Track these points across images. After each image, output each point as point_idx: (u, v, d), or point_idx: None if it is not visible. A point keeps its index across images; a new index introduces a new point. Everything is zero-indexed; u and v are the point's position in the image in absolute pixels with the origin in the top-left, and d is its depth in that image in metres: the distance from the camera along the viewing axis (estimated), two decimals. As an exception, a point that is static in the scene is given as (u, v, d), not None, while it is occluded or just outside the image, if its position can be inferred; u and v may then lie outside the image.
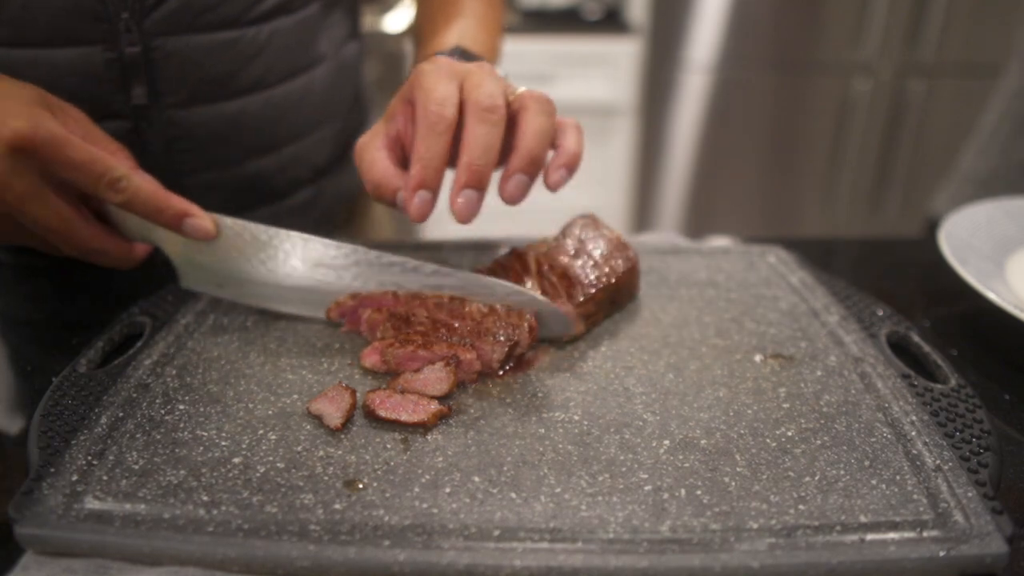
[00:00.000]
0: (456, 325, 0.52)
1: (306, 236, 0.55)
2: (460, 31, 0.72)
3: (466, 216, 0.52)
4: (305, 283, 0.56)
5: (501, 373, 0.51)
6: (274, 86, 0.75)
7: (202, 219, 0.54)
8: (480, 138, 0.52)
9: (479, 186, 0.52)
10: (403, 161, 0.58)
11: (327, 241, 0.55)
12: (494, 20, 0.79)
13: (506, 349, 0.50)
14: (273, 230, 0.55)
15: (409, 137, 0.56)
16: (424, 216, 0.53)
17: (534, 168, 0.54)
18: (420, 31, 0.80)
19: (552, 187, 0.55)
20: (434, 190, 0.53)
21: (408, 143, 0.57)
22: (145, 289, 0.61)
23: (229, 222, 0.55)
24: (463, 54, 0.65)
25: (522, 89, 0.56)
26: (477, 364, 0.50)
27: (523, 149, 0.53)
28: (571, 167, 0.56)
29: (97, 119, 0.57)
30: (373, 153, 0.57)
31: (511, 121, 0.54)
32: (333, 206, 0.88)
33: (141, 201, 0.52)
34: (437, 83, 0.54)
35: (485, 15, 0.78)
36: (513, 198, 0.54)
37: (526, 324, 0.52)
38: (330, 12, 0.80)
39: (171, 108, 0.69)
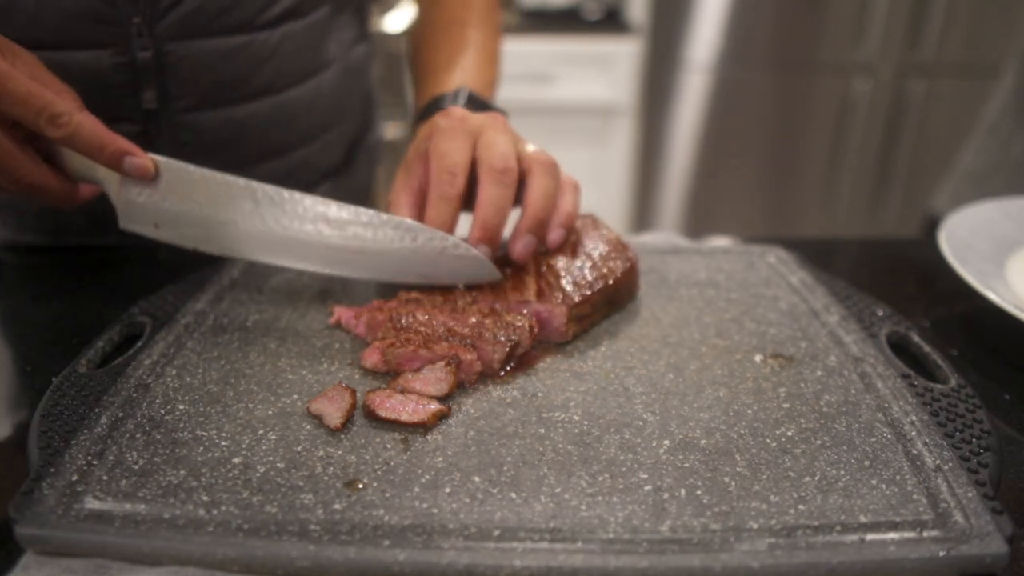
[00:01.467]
0: (456, 326, 0.52)
1: (250, 182, 0.56)
2: (465, 69, 0.74)
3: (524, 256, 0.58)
4: (247, 228, 0.56)
5: (502, 373, 0.51)
6: (284, 90, 0.75)
7: (142, 158, 0.55)
8: (493, 199, 0.57)
9: (492, 243, 0.57)
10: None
11: (255, 184, 0.56)
12: (494, 49, 0.81)
13: (507, 350, 0.50)
14: (217, 174, 0.56)
15: (427, 187, 0.59)
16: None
17: (541, 229, 0.58)
18: (422, 61, 0.80)
19: (551, 245, 0.60)
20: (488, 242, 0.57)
21: (427, 191, 0.59)
22: (145, 289, 0.61)
23: (170, 163, 0.56)
24: (471, 100, 0.67)
25: (530, 148, 0.60)
26: (478, 365, 0.50)
27: (531, 213, 0.58)
28: (568, 226, 0.60)
29: (107, 122, 0.58)
30: (401, 211, 0.60)
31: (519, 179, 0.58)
32: None
33: (82, 138, 0.52)
34: (450, 147, 0.58)
35: (485, 45, 0.79)
36: (522, 257, 0.58)
37: (527, 324, 0.52)
38: (339, 15, 0.80)
39: (181, 112, 0.69)
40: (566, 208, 0.60)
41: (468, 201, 0.60)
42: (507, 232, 0.59)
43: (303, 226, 0.56)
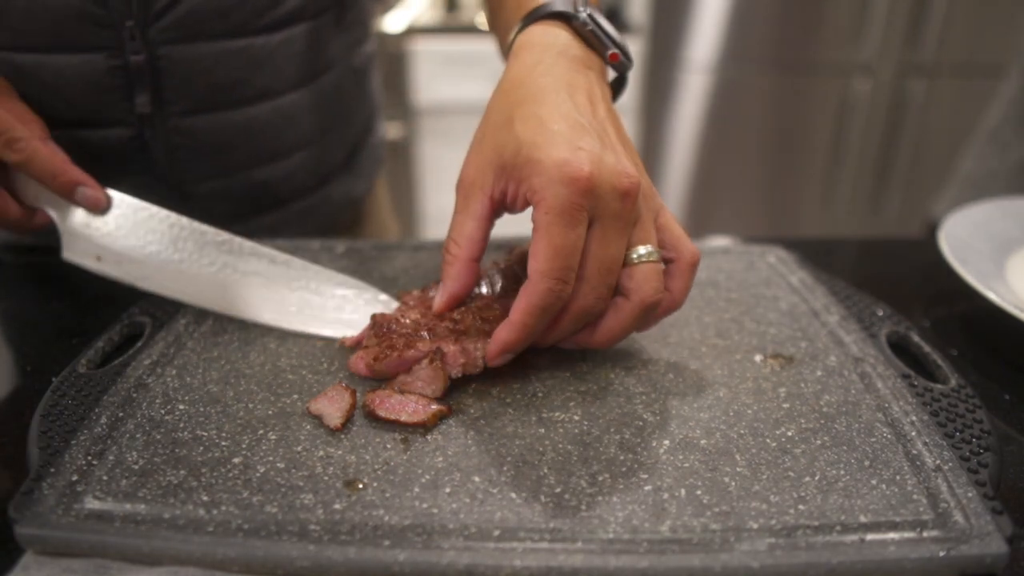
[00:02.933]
0: (436, 323, 0.51)
1: (191, 221, 0.58)
2: None
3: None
4: (179, 264, 0.58)
5: (483, 365, 0.49)
6: (283, 94, 0.73)
7: (95, 190, 0.57)
8: (616, 330, 0.48)
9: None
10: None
11: (207, 228, 0.58)
12: None
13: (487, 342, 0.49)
14: (165, 212, 0.58)
15: (511, 206, 0.49)
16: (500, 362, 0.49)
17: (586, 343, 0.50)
18: None
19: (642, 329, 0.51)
20: (517, 352, 0.48)
21: (509, 208, 0.49)
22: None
23: (120, 198, 0.58)
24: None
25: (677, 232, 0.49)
26: (460, 357, 0.49)
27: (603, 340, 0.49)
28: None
29: (100, 126, 0.58)
30: (469, 224, 0.49)
31: None
32: (338, 211, 0.87)
33: (37, 164, 0.55)
34: (563, 236, 0.43)
35: None
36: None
37: (498, 307, 0.51)
38: (342, 18, 0.79)
39: (176, 116, 0.68)
40: (675, 298, 0.50)
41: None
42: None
43: (239, 274, 0.58)
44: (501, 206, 0.49)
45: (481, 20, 2.30)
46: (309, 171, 0.81)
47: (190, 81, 0.67)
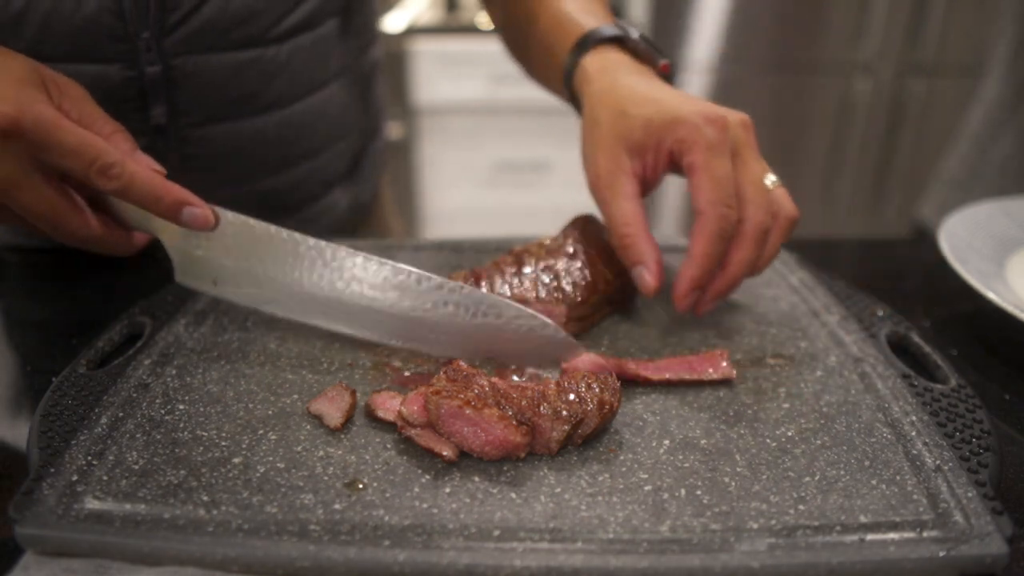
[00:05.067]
0: (513, 392, 0.45)
1: (317, 241, 0.53)
2: (597, 14, 0.66)
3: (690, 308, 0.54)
4: (308, 290, 0.53)
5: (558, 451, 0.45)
6: (292, 103, 0.74)
7: (202, 208, 0.52)
8: (743, 262, 0.53)
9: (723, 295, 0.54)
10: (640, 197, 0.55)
11: (336, 247, 0.53)
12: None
13: (566, 428, 0.43)
14: (282, 231, 0.53)
15: (654, 177, 0.55)
16: (697, 311, 0.55)
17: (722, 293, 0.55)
18: (548, 15, 0.69)
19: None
20: (701, 289, 0.53)
21: (652, 182, 0.56)
22: (145, 289, 0.61)
23: (231, 216, 0.53)
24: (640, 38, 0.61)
25: (775, 184, 0.55)
26: (523, 452, 0.43)
27: (732, 276, 0.54)
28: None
29: None
30: (626, 204, 0.54)
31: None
32: (344, 216, 0.88)
33: (136, 189, 0.49)
34: (726, 169, 0.51)
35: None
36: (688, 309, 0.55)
37: (595, 400, 0.44)
38: (348, 25, 0.79)
39: (190, 127, 0.69)
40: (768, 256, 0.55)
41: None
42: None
43: (368, 292, 0.52)
44: (643, 181, 0.55)
45: (481, 20, 2.30)
46: (316, 179, 0.81)
47: (204, 92, 0.68)
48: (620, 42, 0.61)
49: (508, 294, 0.56)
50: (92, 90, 0.61)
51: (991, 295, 0.57)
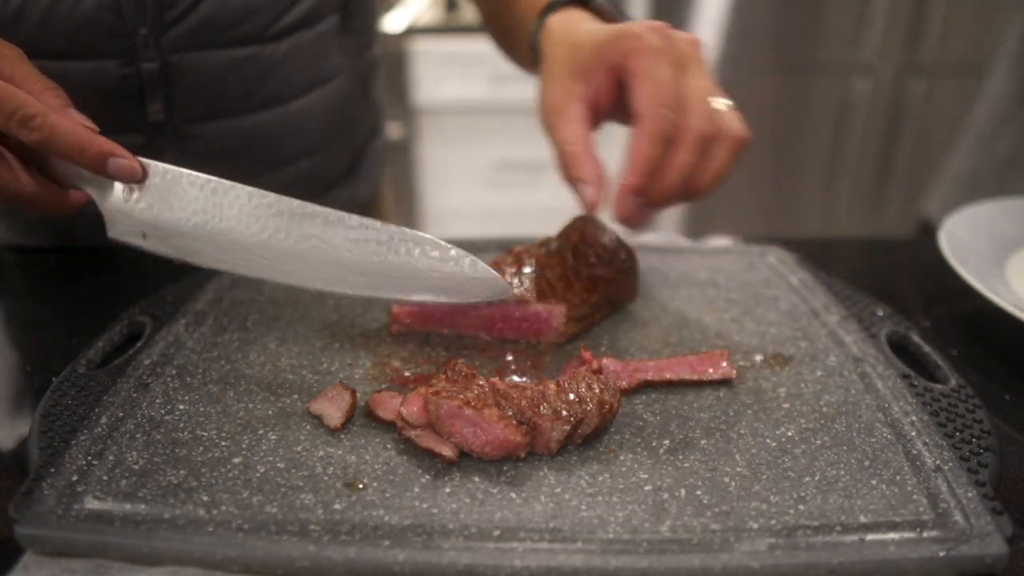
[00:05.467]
0: (513, 392, 0.45)
1: (234, 184, 0.52)
2: None
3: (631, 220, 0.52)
4: (228, 234, 0.52)
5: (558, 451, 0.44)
6: (291, 101, 0.74)
7: (128, 160, 0.50)
8: (681, 165, 0.51)
9: (644, 200, 0.52)
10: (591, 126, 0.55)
11: (251, 190, 0.52)
12: None
13: (566, 428, 0.43)
14: (212, 180, 0.52)
15: (605, 102, 0.54)
16: (635, 222, 0.52)
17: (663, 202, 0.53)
18: None
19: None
20: (644, 195, 0.52)
21: (602, 108, 0.55)
22: (145, 289, 0.61)
23: (157, 167, 0.52)
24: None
25: (724, 104, 0.54)
26: (524, 452, 0.43)
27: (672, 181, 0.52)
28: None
29: (112, 133, 0.57)
30: (573, 126, 0.53)
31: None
32: None
33: (59, 140, 0.48)
34: (667, 75, 0.51)
35: None
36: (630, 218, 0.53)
37: (595, 400, 0.44)
38: (348, 23, 0.79)
39: (187, 124, 0.69)
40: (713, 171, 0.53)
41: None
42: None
43: (305, 237, 0.52)
44: (594, 106, 0.54)
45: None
46: (315, 177, 0.81)
47: (201, 88, 0.68)
48: (584, 4, 0.61)
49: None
50: (89, 87, 0.62)
51: (991, 295, 0.57)
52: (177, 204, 0.52)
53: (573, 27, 0.58)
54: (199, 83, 0.68)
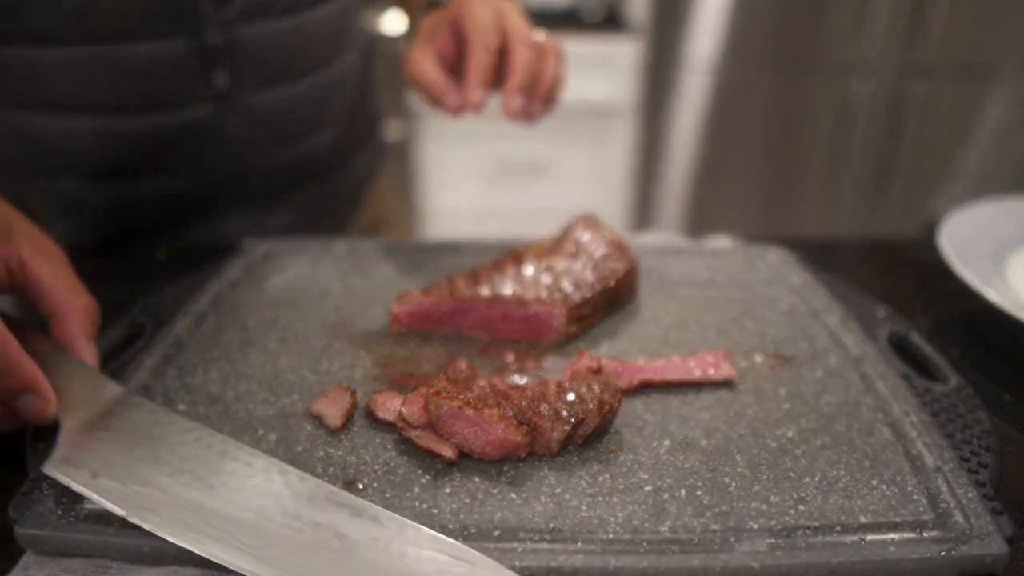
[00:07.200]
0: (513, 393, 0.45)
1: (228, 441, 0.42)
2: None
3: (520, 114, 0.64)
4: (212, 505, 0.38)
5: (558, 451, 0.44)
6: (322, 69, 0.80)
7: (45, 400, 0.42)
8: (528, 62, 0.64)
9: (529, 97, 0.64)
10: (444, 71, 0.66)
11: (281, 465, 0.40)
12: None
13: (567, 428, 0.43)
14: (232, 442, 0.42)
15: (451, 54, 0.67)
16: (483, 104, 0.64)
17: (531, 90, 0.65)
18: None
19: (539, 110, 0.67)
20: (489, 88, 0.64)
21: (450, 59, 0.67)
22: (145, 289, 0.61)
23: (160, 412, 0.43)
24: None
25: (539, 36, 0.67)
26: (524, 451, 0.43)
27: (522, 74, 0.64)
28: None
29: (180, 106, 0.63)
30: (428, 65, 0.66)
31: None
32: (354, 186, 0.93)
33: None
34: (488, 13, 0.65)
35: None
36: (515, 113, 0.64)
37: (595, 400, 0.44)
38: (357, 1, 0.88)
39: (247, 93, 0.74)
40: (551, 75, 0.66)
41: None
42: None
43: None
44: (444, 56, 0.67)
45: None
46: (342, 143, 0.87)
47: (257, 59, 0.73)
48: None
49: (508, 294, 0.56)
50: (160, 65, 0.68)
51: (991, 295, 0.57)
52: (165, 449, 0.41)
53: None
54: (255, 54, 0.73)
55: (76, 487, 0.38)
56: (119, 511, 0.37)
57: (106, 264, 0.73)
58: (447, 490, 0.40)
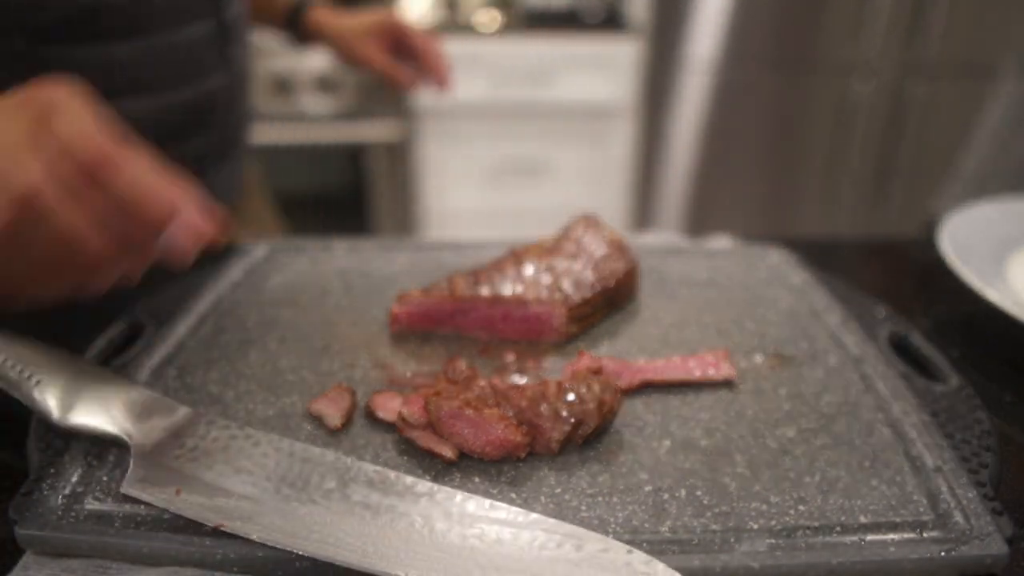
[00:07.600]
0: (513, 393, 0.45)
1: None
2: None
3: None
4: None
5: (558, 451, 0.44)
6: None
7: (197, 223, 0.41)
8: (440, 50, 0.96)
9: None
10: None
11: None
12: None
13: (567, 429, 0.43)
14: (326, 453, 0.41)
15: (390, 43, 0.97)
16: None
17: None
18: None
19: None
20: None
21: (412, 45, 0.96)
22: (145, 289, 0.61)
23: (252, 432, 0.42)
24: None
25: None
26: (524, 452, 0.43)
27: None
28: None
29: (201, 77, 0.75)
30: (380, 55, 0.94)
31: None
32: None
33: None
34: (417, 30, 0.94)
35: None
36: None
37: (595, 401, 0.44)
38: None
39: (246, 60, 0.87)
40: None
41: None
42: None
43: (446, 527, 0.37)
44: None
45: (480, 20, 2.30)
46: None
47: (248, 32, 0.87)
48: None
49: (508, 294, 0.56)
50: (193, 45, 0.76)
51: (991, 295, 0.57)
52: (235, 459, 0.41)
53: (336, 18, 0.99)
54: (247, 28, 0.85)
55: (163, 505, 0.38)
56: (213, 522, 0.37)
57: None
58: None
